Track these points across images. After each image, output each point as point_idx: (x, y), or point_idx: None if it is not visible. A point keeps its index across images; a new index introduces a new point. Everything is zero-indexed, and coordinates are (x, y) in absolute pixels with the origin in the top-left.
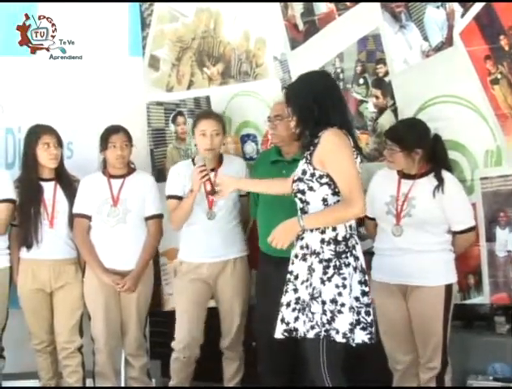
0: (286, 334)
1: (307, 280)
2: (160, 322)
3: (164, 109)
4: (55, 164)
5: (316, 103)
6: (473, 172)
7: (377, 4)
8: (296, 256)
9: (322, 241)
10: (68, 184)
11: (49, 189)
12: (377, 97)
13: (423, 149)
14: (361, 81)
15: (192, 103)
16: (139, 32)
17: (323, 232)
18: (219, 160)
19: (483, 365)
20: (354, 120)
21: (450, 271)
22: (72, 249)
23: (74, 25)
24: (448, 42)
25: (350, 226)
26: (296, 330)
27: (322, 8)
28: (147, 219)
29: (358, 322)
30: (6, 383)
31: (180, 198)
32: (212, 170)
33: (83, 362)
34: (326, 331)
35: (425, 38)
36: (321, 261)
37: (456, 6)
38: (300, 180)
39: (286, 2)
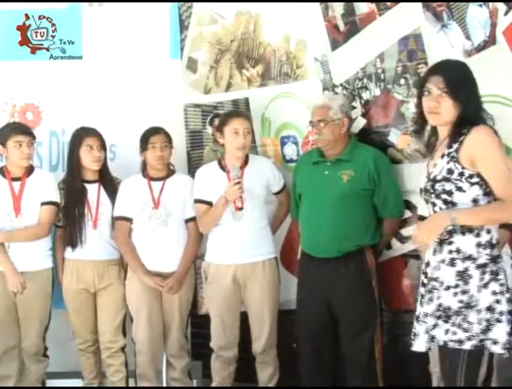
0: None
1: (456, 286)
2: (200, 324)
3: (201, 111)
4: (98, 166)
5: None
6: None
7: (419, 3)
8: (443, 261)
9: (478, 245)
10: (111, 186)
11: (93, 190)
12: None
13: None
14: (402, 81)
15: (230, 105)
16: (179, 34)
17: (478, 234)
18: (245, 159)
19: None
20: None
21: None
22: (115, 250)
23: (120, 28)
24: (491, 41)
25: None
26: (433, 338)
27: (362, 8)
28: (187, 221)
29: None
30: (49, 382)
31: (208, 203)
32: None
33: (126, 362)
34: (481, 341)
35: (467, 37)
36: (478, 266)
37: (499, 4)
38: (446, 180)
39: (326, 3)
